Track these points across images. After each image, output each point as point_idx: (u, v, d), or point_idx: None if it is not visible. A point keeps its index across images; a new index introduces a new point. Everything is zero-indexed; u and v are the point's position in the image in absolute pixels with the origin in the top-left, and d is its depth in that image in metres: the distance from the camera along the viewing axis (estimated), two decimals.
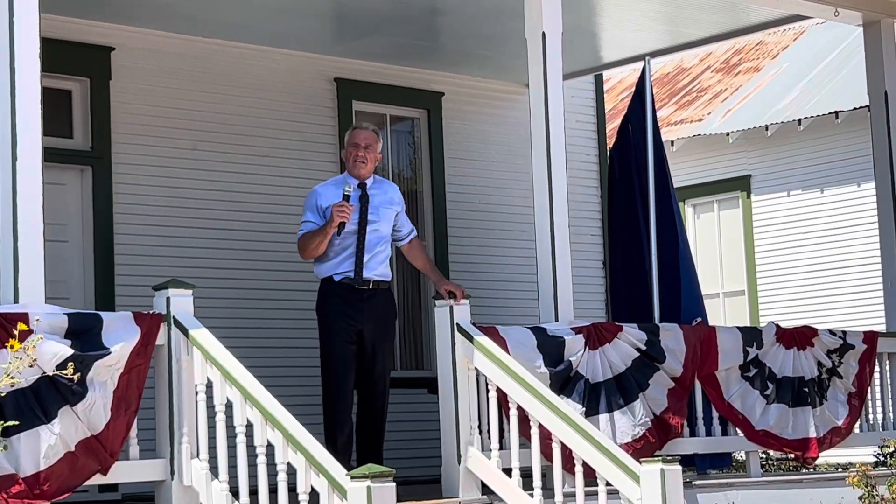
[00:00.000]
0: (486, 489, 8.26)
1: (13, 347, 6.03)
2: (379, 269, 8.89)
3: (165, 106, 10.77)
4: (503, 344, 8.37)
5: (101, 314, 7.18)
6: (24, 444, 6.69)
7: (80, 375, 6.77)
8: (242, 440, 6.96)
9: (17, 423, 6.43)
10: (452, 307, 8.40)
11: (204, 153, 10.92)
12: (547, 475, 8.08)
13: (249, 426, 6.97)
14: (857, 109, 16.87)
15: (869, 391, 10.44)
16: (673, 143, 18.59)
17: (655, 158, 10.30)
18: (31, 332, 6.40)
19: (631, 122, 10.66)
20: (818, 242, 17.78)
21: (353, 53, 11.68)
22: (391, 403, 9.08)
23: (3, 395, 6.31)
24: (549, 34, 9.12)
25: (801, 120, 17.66)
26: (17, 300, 6.95)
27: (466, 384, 8.32)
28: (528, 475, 7.96)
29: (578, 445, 7.70)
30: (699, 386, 9.50)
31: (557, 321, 8.87)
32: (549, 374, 8.55)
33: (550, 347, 8.64)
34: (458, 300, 8.42)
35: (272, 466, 6.83)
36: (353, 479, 6.46)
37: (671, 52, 12.66)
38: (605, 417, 8.82)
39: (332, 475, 6.60)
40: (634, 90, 10.72)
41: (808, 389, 9.96)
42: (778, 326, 10.03)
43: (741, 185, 18.64)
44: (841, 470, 11.15)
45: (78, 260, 10.29)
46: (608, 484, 7.58)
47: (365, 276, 8.82)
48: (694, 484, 8.94)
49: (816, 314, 16.84)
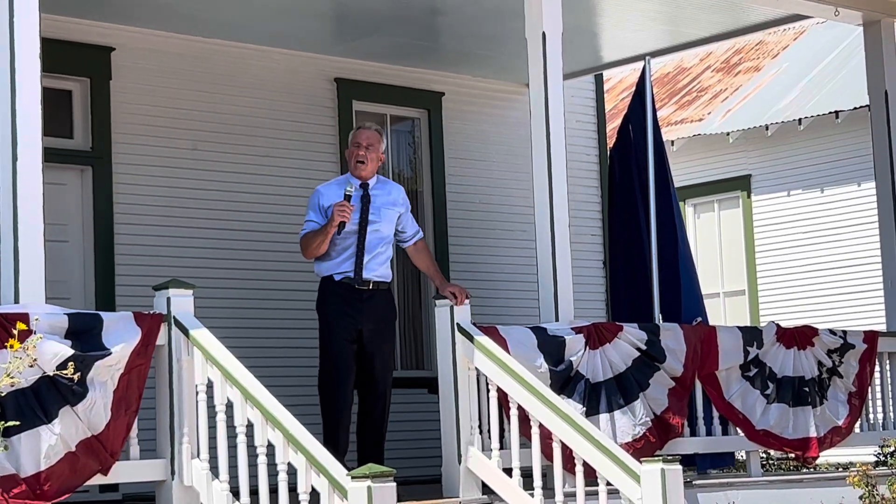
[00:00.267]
0: (486, 489, 8.25)
1: (13, 347, 6.03)
2: (379, 269, 8.89)
3: (166, 106, 10.77)
4: (503, 344, 8.36)
5: (101, 314, 7.18)
6: (24, 444, 6.68)
7: (80, 375, 6.76)
8: (243, 440, 6.96)
9: (17, 423, 6.44)
10: (453, 307, 8.40)
11: (204, 153, 10.92)
12: (547, 475, 8.07)
13: (250, 426, 6.97)
14: (857, 109, 16.86)
15: (869, 391, 10.44)
16: (673, 142, 18.58)
17: (656, 158, 10.30)
18: (31, 332, 6.40)
19: (631, 121, 10.66)
20: (818, 242, 17.77)
21: (353, 53, 11.67)
22: (392, 403, 9.08)
23: (3, 395, 6.31)
24: (549, 34, 9.12)
25: (801, 120, 17.65)
26: (17, 300, 6.95)
27: (467, 384, 8.31)
28: (528, 475, 7.95)
29: (579, 445, 7.70)
30: (699, 385, 9.50)
31: (558, 321, 8.87)
32: (549, 373, 8.55)
33: (551, 347, 8.64)
34: (459, 302, 8.42)
35: (273, 466, 6.83)
36: (353, 478, 6.45)
37: (671, 51, 12.65)
38: (605, 417, 8.81)
39: (332, 475, 6.60)
40: (635, 90, 10.73)
41: (808, 389, 9.95)
42: (778, 326, 10.02)
43: (741, 184, 18.63)
44: (841, 470, 11.15)
45: (78, 260, 10.29)
46: (609, 484, 7.58)
47: (364, 276, 8.82)
48: (694, 483, 8.94)
49: (817, 314, 16.83)
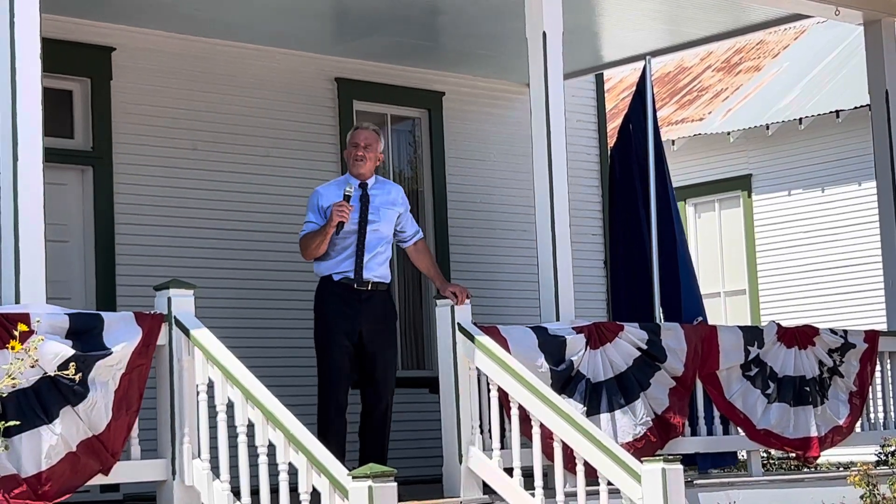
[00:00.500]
0: (487, 489, 8.25)
1: (14, 348, 6.03)
2: (378, 270, 8.88)
3: (166, 106, 10.77)
4: (504, 343, 8.36)
5: (102, 314, 7.17)
6: (25, 444, 6.69)
7: (81, 376, 6.76)
8: (244, 440, 6.97)
9: (18, 423, 6.44)
10: (454, 306, 8.40)
11: (205, 153, 10.92)
12: (548, 475, 8.07)
13: (251, 426, 6.97)
14: (857, 108, 16.86)
15: (870, 390, 10.44)
16: (674, 142, 18.58)
17: (655, 158, 10.30)
18: (32, 332, 6.40)
19: (632, 121, 10.66)
20: (819, 241, 17.77)
21: (353, 53, 11.67)
22: (393, 403, 9.08)
23: (4, 395, 6.31)
24: (549, 34, 9.12)
25: (801, 119, 17.65)
26: (18, 300, 6.95)
27: (468, 384, 8.31)
28: (529, 475, 7.95)
29: (580, 445, 7.70)
30: (700, 385, 9.49)
31: (558, 320, 8.87)
32: (550, 373, 8.55)
33: (552, 347, 8.63)
34: (460, 302, 8.42)
35: (273, 466, 6.83)
36: (354, 478, 6.45)
37: (672, 51, 12.65)
38: (606, 417, 8.81)
39: (333, 475, 6.59)
40: (635, 89, 10.72)
41: (809, 388, 9.95)
42: (779, 325, 10.02)
43: (742, 184, 18.63)
44: (842, 469, 11.16)
45: (79, 260, 10.29)
46: (610, 483, 7.58)
47: (364, 276, 8.82)
48: (695, 483, 8.93)
49: (817, 313, 16.84)
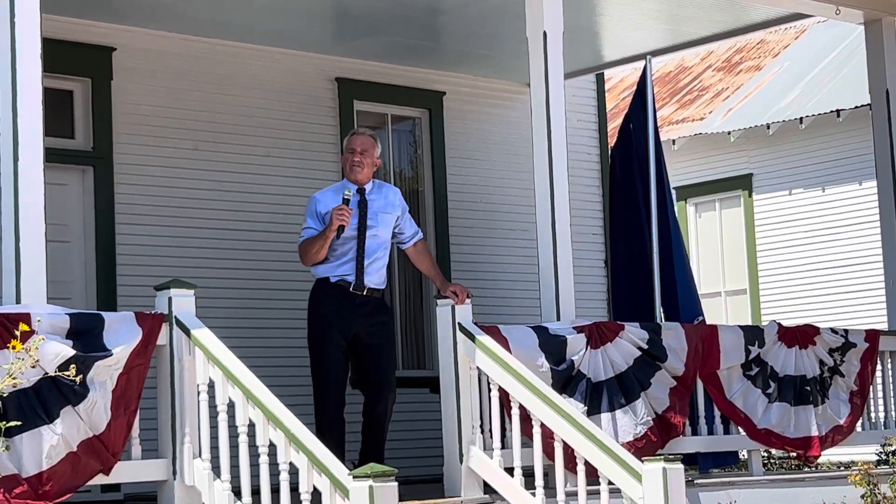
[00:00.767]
0: (488, 488, 8.25)
1: (15, 348, 6.03)
2: (376, 275, 8.89)
3: (167, 106, 10.77)
4: (505, 343, 8.36)
5: (102, 314, 7.17)
6: (26, 444, 6.69)
7: (81, 377, 6.76)
8: (244, 440, 6.96)
9: (19, 423, 6.44)
10: (454, 306, 8.40)
11: (205, 153, 10.91)
12: (549, 474, 8.07)
13: (251, 426, 6.97)
14: (858, 108, 16.86)
15: (871, 389, 10.44)
16: (674, 141, 18.58)
17: (655, 158, 10.30)
18: (33, 332, 6.40)
19: (632, 121, 10.66)
20: (819, 241, 17.77)
21: (353, 53, 11.67)
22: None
23: (5, 395, 6.31)
24: (550, 33, 9.12)
25: (802, 118, 17.65)
26: (18, 300, 6.96)
27: (468, 383, 8.31)
28: (530, 474, 7.96)
29: (580, 444, 7.70)
30: (701, 385, 9.49)
31: (559, 320, 8.87)
32: (551, 373, 8.55)
33: (552, 346, 8.63)
34: (461, 301, 8.41)
35: (274, 466, 6.83)
36: (355, 478, 6.45)
37: (672, 50, 12.64)
38: (606, 416, 8.81)
39: (334, 475, 6.59)
40: (636, 89, 10.73)
41: (809, 388, 9.95)
42: (780, 325, 10.02)
43: (742, 183, 18.63)
44: (843, 468, 11.17)
45: (80, 260, 10.29)
46: (610, 483, 7.58)
47: (365, 282, 8.82)
48: (696, 483, 8.93)
49: (818, 312, 16.84)
